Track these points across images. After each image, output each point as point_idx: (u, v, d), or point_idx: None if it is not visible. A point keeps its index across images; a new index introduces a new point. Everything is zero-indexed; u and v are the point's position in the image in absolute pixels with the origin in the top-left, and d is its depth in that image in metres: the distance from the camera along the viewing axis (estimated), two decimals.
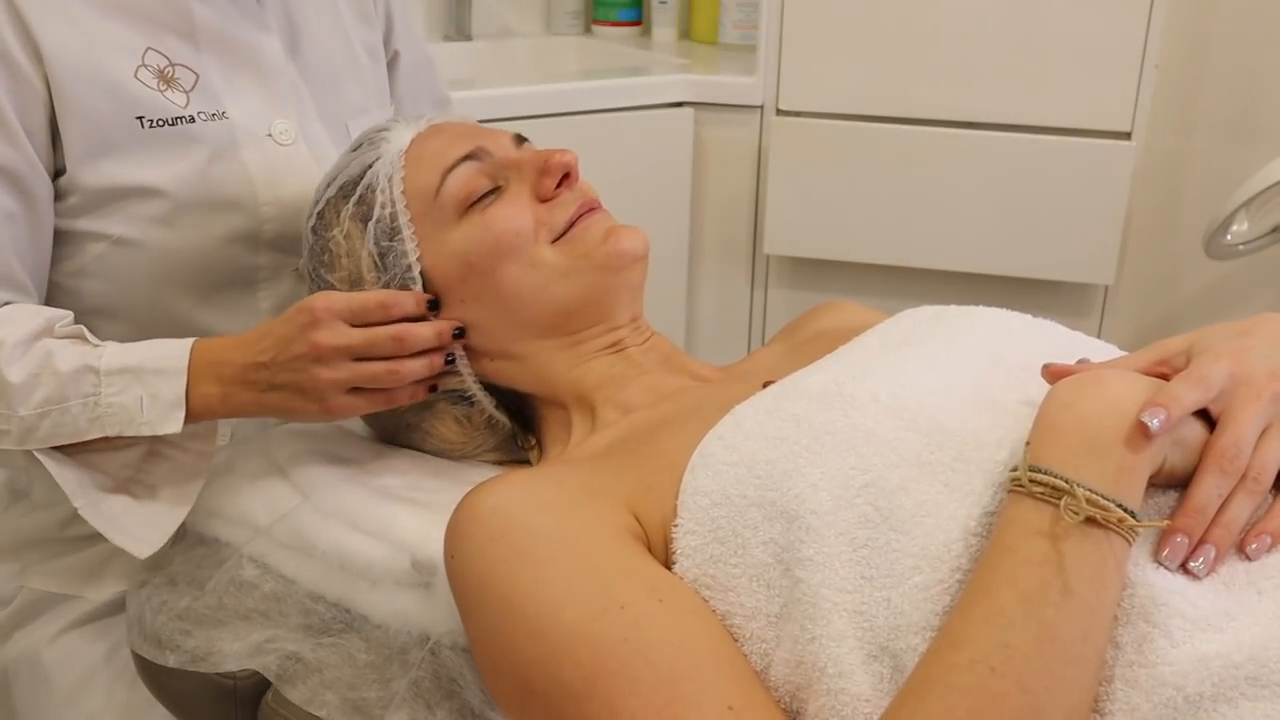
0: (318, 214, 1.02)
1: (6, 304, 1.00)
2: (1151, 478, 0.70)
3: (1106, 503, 0.66)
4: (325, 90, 1.16)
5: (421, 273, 0.98)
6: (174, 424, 0.96)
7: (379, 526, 0.96)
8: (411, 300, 0.96)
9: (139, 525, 0.99)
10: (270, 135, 1.09)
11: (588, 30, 2.57)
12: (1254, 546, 0.70)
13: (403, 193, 0.98)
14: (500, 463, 1.06)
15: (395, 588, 0.95)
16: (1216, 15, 2.22)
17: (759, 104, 2.09)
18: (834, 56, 2.02)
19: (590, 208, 0.99)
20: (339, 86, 1.18)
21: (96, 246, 1.04)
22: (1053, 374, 0.77)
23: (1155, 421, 0.68)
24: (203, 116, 1.05)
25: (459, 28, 2.43)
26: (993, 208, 2.01)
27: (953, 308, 0.95)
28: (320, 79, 1.16)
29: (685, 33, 2.54)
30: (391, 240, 0.98)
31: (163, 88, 1.03)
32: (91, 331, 1.00)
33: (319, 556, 0.97)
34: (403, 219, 0.98)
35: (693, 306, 2.26)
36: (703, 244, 2.23)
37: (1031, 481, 0.68)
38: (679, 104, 2.13)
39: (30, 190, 1.00)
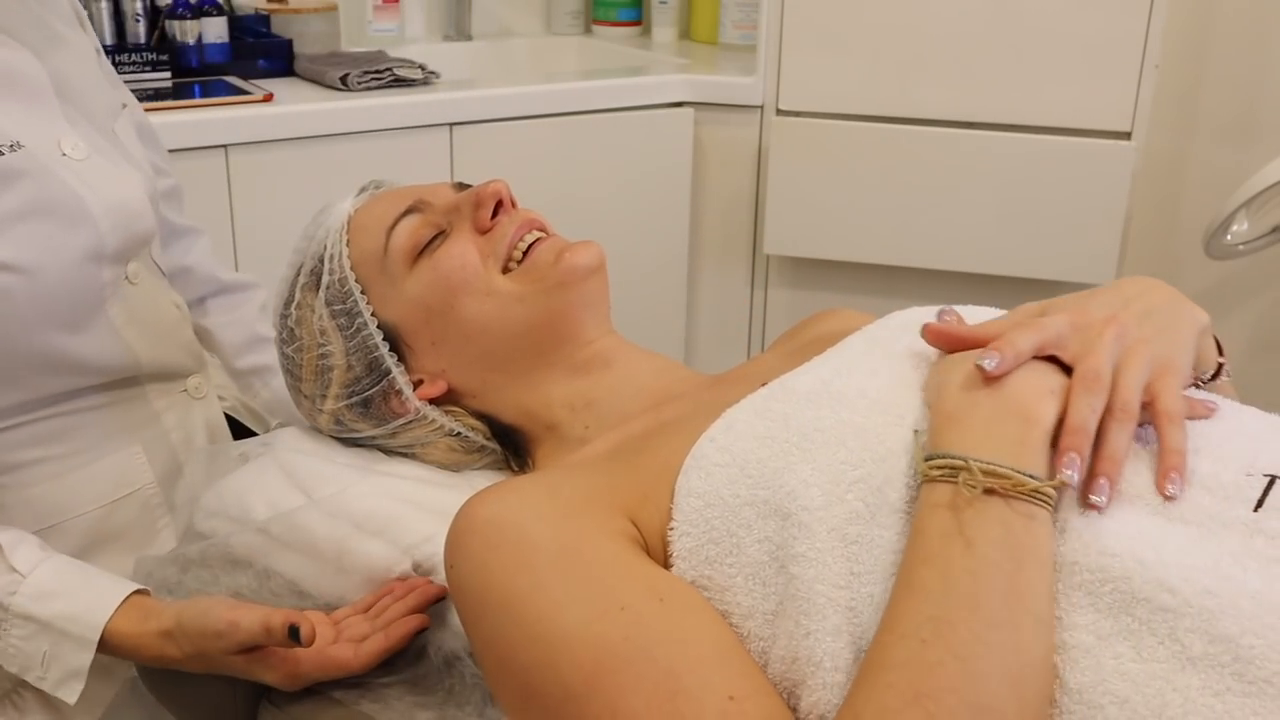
0: (282, 299, 1.06)
1: None
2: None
3: (1005, 470, 0.68)
4: (83, 100, 1.11)
5: (384, 326, 1.01)
6: (70, 693, 0.93)
7: (382, 526, 0.96)
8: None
9: None
10: (65, 154, 1.04)
11: (588, 30, 2.57)
12: (1171, 489, 0.71)
13: (348, 257, 1.01)
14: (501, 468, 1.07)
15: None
16: (1216, 15, 2.22)
17: (759, 104, 2.10)
18: (834, 56, 2.02)
19: (531, 227, 1.01)
20: (91, 96, 1.13)
21: None
22: (933, 334, 0.80)
23: (990, 363, 0.72)
24: (4, 149, 0.99)
25: (459, 28, 2.44)
26: (993, 208, 2.01)
27: (940, 308, 0.95)
28: (72, 90, 1.10)
29: (685, 33, 2.55)
30: (344, 303, 1.01)
31: None
32: None
33: (317, 556, 0.97)
34: (350, 280, 1.01)
35: (693, 306, 2.27)
36: (703, 244, 2.23)
37: (931, 468, 0.70)
38: (679, 104, 2.14)
39: None
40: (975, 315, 0.85)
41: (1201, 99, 2.27)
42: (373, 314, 1.01)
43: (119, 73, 1.28)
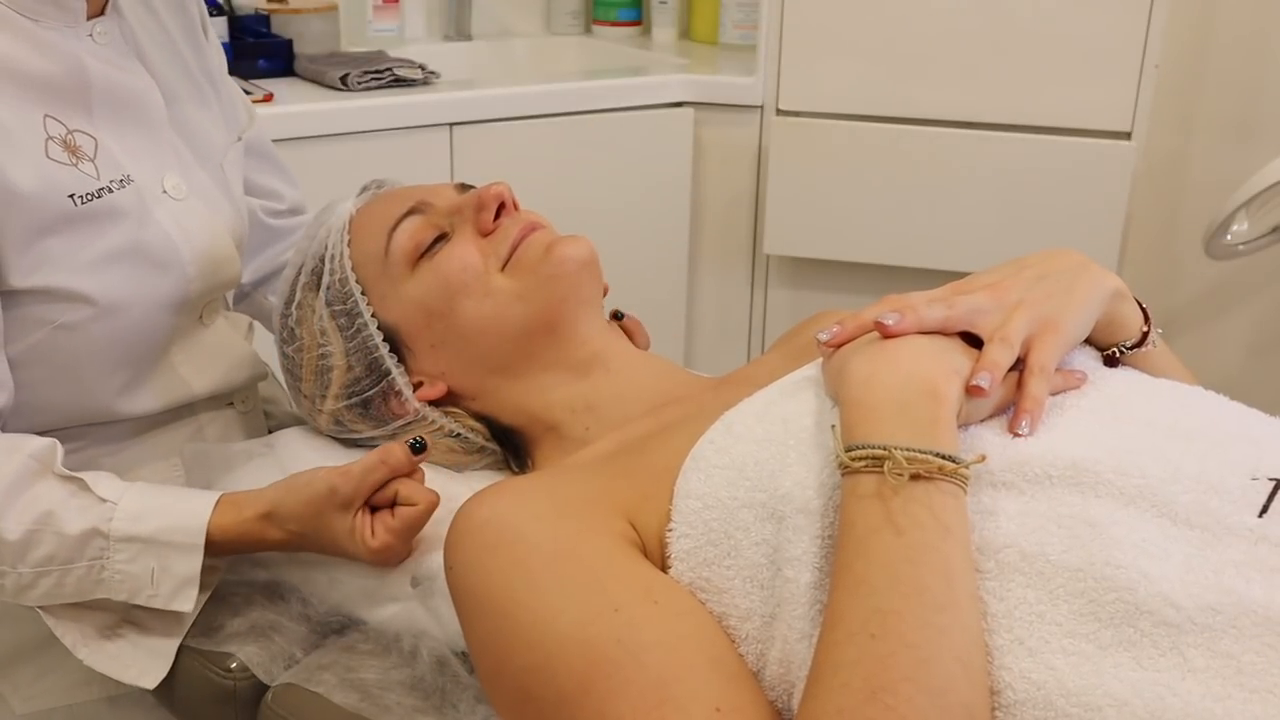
0: (283, 298, 1.05)
1: None
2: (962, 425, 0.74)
3: (925, 456, 0.69)
4: (194, 135, 1.10)
5: (384, 328, 1.00)
6: (185, 601, 0.92)
7: None
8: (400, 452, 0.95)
9: (144, 656, 0.97)
10: (165, 192, 1.04)
11: (588, 30, 2.57)
12: (1022, 430, 0.74)
13: (349, 257, 1.01)
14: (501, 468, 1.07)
15: (393, 600, 0.96)
16: (1216, 15, 2.22)
17: (759, 104, 2.10)
18: (834, 56, 2.02)
19: (533, 229, 1.01)
20: (203, 128, 1.12)
21: (37, 332, 0.97)
22: (836, 345, 0.79)
23: (891, 319, 0.75)
24: (114, 186, 0.98)
25: (459, 28, 2.43)
26: (993, 208, 2.01)
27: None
28: (188, 124, 1.10)
29: (685, 33, 2.55)
30: (345, 304, 1.01)
31: (74, 161, 0.96)
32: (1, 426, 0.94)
33: (318, 559, 0.98)
34: (351, 280, 1.01)
35: (693, 306, 2.27)
36: (703, 244, 2.23)
37: (854, 459, 0.70)
38: (679, 104, 2.14)
39: None
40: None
41: (1201, 99, 2.27)
42: (373, 315, 1.00)
43: None
